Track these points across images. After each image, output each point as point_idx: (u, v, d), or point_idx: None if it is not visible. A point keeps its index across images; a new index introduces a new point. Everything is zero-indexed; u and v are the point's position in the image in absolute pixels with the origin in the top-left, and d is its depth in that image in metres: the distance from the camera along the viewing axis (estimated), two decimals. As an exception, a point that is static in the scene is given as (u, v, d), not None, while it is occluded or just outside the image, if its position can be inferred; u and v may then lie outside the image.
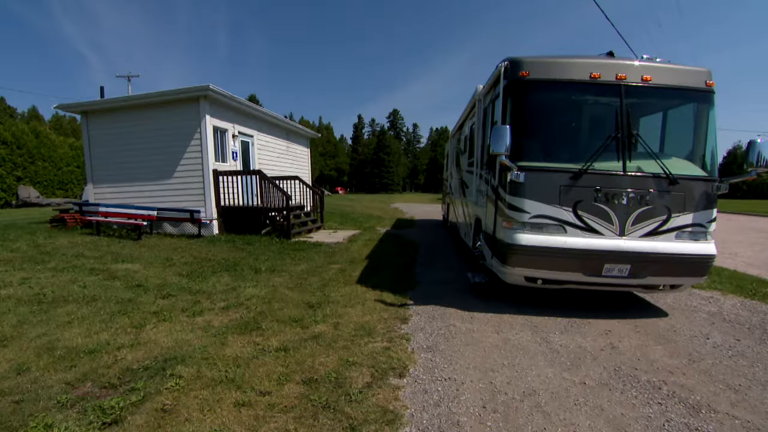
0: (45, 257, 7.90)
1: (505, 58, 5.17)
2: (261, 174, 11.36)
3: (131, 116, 11.72)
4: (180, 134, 11.19)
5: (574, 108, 5.04)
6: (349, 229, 14.04)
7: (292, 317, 4.97)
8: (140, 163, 11.68)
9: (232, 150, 12.39)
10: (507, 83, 5.04)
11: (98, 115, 12.09)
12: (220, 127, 11.80)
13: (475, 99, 7.18)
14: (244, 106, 12.54)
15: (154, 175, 11.56)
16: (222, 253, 8.85)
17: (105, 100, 11.88)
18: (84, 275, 6.72)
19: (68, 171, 33.32)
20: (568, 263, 4.80)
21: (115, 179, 12.03)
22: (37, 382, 3.50)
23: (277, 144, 15.68)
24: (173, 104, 11.21)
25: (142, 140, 11.61)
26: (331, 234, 12.40)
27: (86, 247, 8.99)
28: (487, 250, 5.73)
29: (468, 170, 8.12)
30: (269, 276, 6.98)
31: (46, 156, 31.63)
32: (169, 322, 4.80)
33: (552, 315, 5.23)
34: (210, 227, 11.23)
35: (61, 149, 33.10)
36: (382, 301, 5.67)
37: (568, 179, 4.79)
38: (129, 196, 11.85)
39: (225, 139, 12.16)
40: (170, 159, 11.34)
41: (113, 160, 12.00)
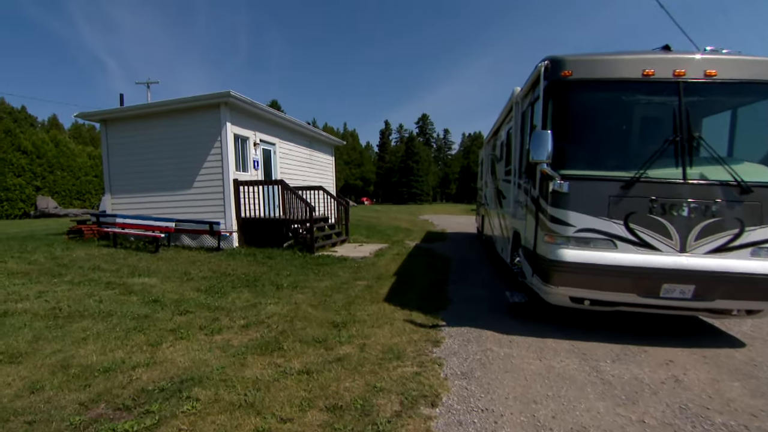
0: (62, 270, 8.19)
1: (545, 57, 5.08)
2: (283, 184, 11.53)
3: (150, 124, 12.14)
4: (200, 142, 11.51)
5: (624, 109, 4.87)
6: (376, 242, 14.04)
7: (316, 337, 4.96)
8: (158, 172, 12.06)
9: (253, 159, 12.63)
10: (548, 84, 4.95)
11: (117, 124, 12.57)
12: (241, 135, 12.07)
13: (512, 102, 7.10)
14: (266, 112, 12.81)
15: (173, 185, 11.90)
16: (242, 268, 8.97)
17: (124, 108, 12.36)
18: (100, 289, 6.93)
19: (86, 180, 34.72)
20: (620, 283, 4.62)
21: (133, 189, 12.44)
22: (50, 402, 3.59)
23: (299, 152, 15.91)
24: (193, 111, 11.55)
25: (160, 149, 12.00)
26: (357, 248, 12.43)
27: (103, 260, 9.29)
28: (527, 267, 5.60)
29: (505, 179, 8.01)
30: (291, 292, 7.02)
31: (65, 165, 33.09)
32: (187, 341, 4.86)
33: (602, 340, 5.03)
34: (229, 240, 11.44)
35: (79, 158, 34.59)
36: (411, 321, 5.60)
37: (619, 189, 4.63)
38: (147, 207, 12.22)
39: (246, 147, 12.42)
40: (189, 168, 11.66)
41: (131, 170, 12.43)
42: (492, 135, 10.74)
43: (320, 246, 11.69)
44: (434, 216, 32.96)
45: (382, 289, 7.27)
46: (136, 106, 12.18)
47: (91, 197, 34.94)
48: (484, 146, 13.47)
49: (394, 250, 12.22)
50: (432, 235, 16.99)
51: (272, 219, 11.68)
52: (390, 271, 8.89)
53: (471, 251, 12.29)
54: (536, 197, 5.26)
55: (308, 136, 16.74)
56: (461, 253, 11.81)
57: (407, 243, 14.04)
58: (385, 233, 17.10)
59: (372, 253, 11.37)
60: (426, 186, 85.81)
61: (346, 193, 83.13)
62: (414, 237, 16.15)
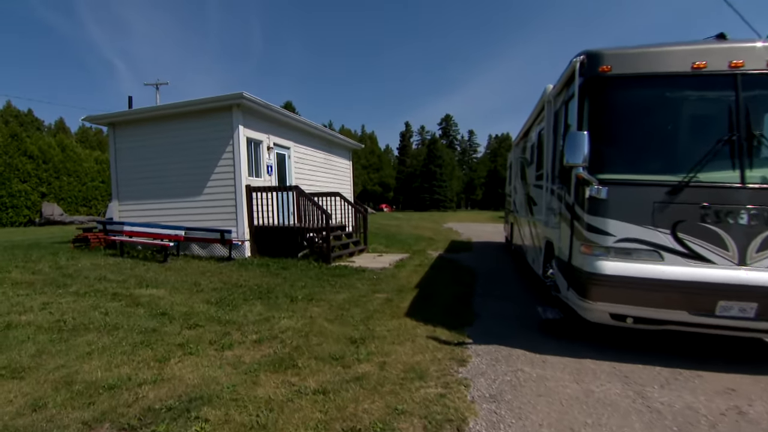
0: (67, 280, 8.37)
1: (580, 52, 5.01)
2: (298, 190, 11.61)
3: (159, 128, 12.40)
4: (211, 147, 11.70)
5: (671, 107, 4.74)
6: (396, 252, 14.02)
7: (332, 354, 4.94)
8: (168, 178, 12.29)
9: (266, 163, 12.76)
10: (584, 81, 4.88)
11: (125, 127, 12.87)
12: (254, 139, 12.22)
13: (543, 101, 7.02)
14: (280, 114, 12.95)
15: (183, 191, 12.10)
16: (254, 279, 9.04)
17: (132, 110, 12.65)
18: (106, 301, 7.05)
19: (93, 186, 35.61)
20: (668, 299, 4.46)
21: (141, 195, 12.69)
22: (53, 421, 3.64)
23: (315, 156, 16.04)
24: (204, 114, 11.76)
25: (170, 153, 12.24)
26: (376, 258, 12.42)
27: (109, 270, 9.47)
28: (561, 280, 5.50)
29: (536, 184, 7.92)
30: (306, 305, 7.04)
31: (71, 170, 34.01)
32: (196, 356, 4.89)
33: (648, 362, 4.86)
34: (241, 249, 11.55)
35: (86, 163, 35.52)
36: (435, 337, 5.54)
37: (665, 194, 4.50)
38: (155, 215, 12.45)
39: (259, 151, 12.57)
40: (200, 174, 11.85)
41: (140, 175, 12.70)
42: (521, 136, 10.65)
43: (337, 256, 11.72)
44: (459, 224, 32.79)
45: (403, 303, 7.23)
46: (144, 108, 12.47)
47: (97, 204, 35.80)
48: (512, 149, 13.37)
49: (415, 260, 12.19)
50: (456, 245, 16.90)
51: (286, 227, 11.78)
52: (411, 284, 8.85)
53: (499, 262, 12.18)
54: (571, 204, 5.17)
55: (324, 140, 16.86)
56: (488, 265, 11.70)
57: (430, 253, 13.99)
58: (405, 243, 17.07)
59: (392, 263, 11.34)
60: (450, 192, 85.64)
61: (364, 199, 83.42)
62: (437, 247, 16.08)
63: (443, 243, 17.63)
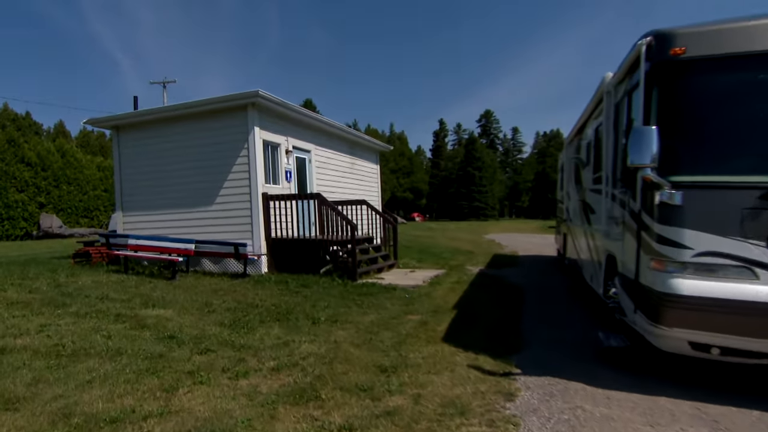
0: (66, 299, 8.59)
1: (647, 32, 4.87)
2: (320, 198, 11.68)
3: (167, 130, 12.69)
4: (224, 150, 11.91)
5: (763, 92, 4.48)
6: (431, 267, 13.95)
7: (360, 384, 4.90)
8: (176, 186, 12.56)
9: (285, 168, 12.90)
10: (651, 66, 4.73)
11: (130, 130, 13.22)
12: (271, 142, 12.38)
13: (602, 91, 6.89)
14: (300, 114, 13.10)
15: (193, 200, 12.34)
16: (272, 298, 9.11)
17: (138, 112, 12.99)
18: (109, 323, 7.19)
19: (95, 196, 36.67)
20: (766, 326, 4.24)
21: (148, 205, 12.99)
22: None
23: (339, 160, 16.15)
24: (216, 115, 11.98)
25: (179, 159, 12.51)
26: (408, 274, 12.38)
27: (112, 288, 9.67)
28: (626, 301, 5.32)
29: (593, 188, 7.77)
30: (330, 328, 7.04)
31: (71, 178, 35.10)
32: (207, 386, 4.92)
33: (740, 403, 4.56)
34: (258, 264, 11.66)
35: (88, 170, 36.63)
36: (477, 367, 5.45)
37: (757, 199, 4.28)
38: (163, 226, 12.71)
39: (277, 155, 12.72)
40: (212, 181, 12.07)
41: (146, 183, 13.00)
42: (575, 134, 10.49)
43: (364, 272, 11.72)
44: (502, 235, 32.48)
45: (440, 326, 7.18)
46: (151, 109, 12.78)
47: (99, 214, 36.82)
48: (564, 148, 13.18)
49: (452, 277, 12.13)
50: (500, 259, 16.76)
51: (307, 240, 11.84)
52: (449, 304, 8.80)
53: (550, 279, 12.03)
54: (637, 211, 5.01)
55: (349, 141, 16.97)
56: (538, 282, 11.55)
57: (469, 269, 13.91)
58: (441, 256, 17.00)
59: (426, 280, 11.28)
60: (491, 198, 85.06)
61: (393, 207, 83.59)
62: (477, 261, 15.98)
63: (484, 257, 17.52)
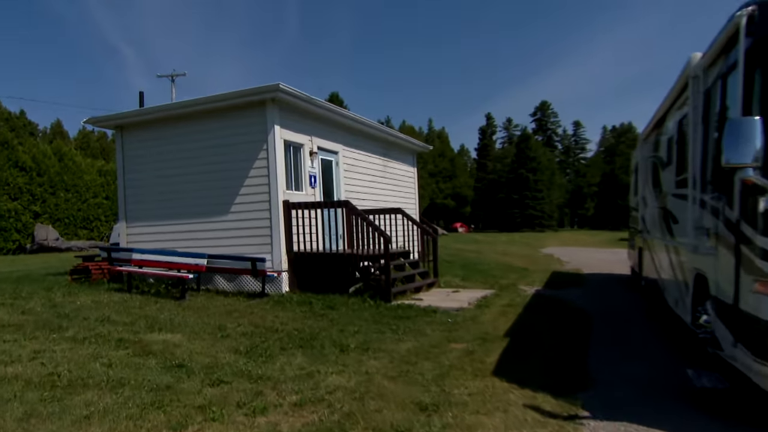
0: (63, 322, 8.79)
1: (747, 1, 4.71)
2: (349, 206, 11.72)
3: (177, 130, 12.96)
4: (240, 152, 12.10)
5: None
6: (477, 287, 13.88)
7: (396, 425, 4.84)
8: (187, 192, 12.79)
9: (309, 172, 13.01)
10: (753, 43, 4.57)
11: (135, 130, 13.54)
12: (294, 142, 12.51)
13: (686, 76, 6.73)
14: (326, 110, 13.23)
15: (205, 209, 12.55)
16: (294, 321, 9.17)
17: (144, 109, 13.31)
18: (109, 349, 7.31)
19: (95, 204, 37.54)
20: None
21: (154, 215, 13.26)
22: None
23: (370, 162, 16.25)
24: (231, 112, 12.19)
25: (190, 162, 12.75)
26: (450, 295, 12.31)
27: (114, 309, 9.87)
28: (722, 331, 5.13)
29: (676, 193, 7.62)
30: (360, 357, 7.02)
31: (69, 185, 36.00)
32: (220, 423, 4.93)
33: None
34: (278, 282, 11.76)
35: (87, 175, 37.52)
36: (535, 407, 5.34)
37: None
38: (171, 238, 12.94)
39: (300, 157, 12.85)
40: (226, 187, 12.26)
41: (152, 190, 13.29)
42: (653, 128, 10.34)
43: (399, 292, 11.69)
44: (562, 249, 32.08)
45: (489, 357, 7.08)
46: (159, 107, 13.08)
47: (100, 225, 37.68)
48: (639, 145, 12.97)
49: (503, 298, 12.05)
50: (560, 278, 16.63)
51: (334, 254, 11.89)
52: (499, 331, 8.73)
53: (622, 303, 11.87)
54: (735, 221, 4.84)
55: (382, 141, 17.03)
56: (607, 306, 11.40)
57: (523, 289, 13.82)
58: (489, 274, 16.94)
59: (472, 302, 11.20)
60: (548, 205, 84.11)
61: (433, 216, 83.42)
62: (533, 280, 15.86)
63: (541, 275, 17.40)
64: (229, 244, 12.21)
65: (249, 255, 11.64)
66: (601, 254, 27.67)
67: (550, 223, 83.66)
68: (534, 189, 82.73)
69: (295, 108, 12.40)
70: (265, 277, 11.54)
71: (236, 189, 12.14)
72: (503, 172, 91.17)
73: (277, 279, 11.80)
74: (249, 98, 11.73)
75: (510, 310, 10.55)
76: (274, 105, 11.71)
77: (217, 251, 12.11)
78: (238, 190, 12.13)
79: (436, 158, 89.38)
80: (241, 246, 12.07)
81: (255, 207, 11.96)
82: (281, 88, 11.31)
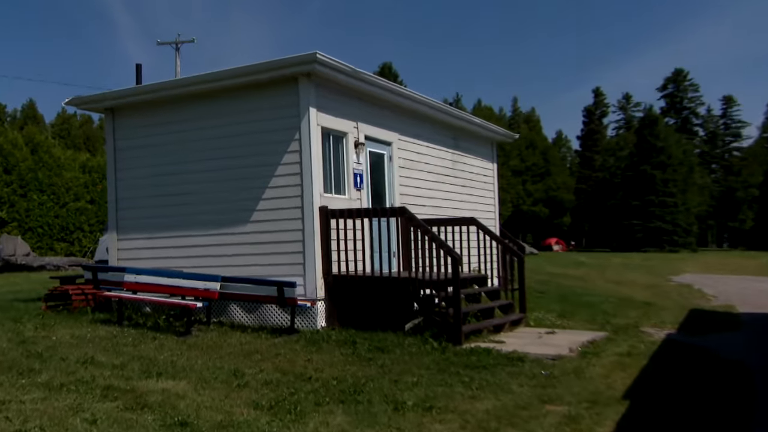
0: (34, 363, 8.93)
1: None
2: (407, 215, 11.65)
3: (183, 115, 13.23)
4: (264, 144, 12.29)
5: None
6: (581, 327, 13.69)
7: None
8: (195, 195, 13.01)
9: (353, 170, 13.11)
10: None
11: (131, 114, 13.86)
12: (334, 130, 12.63)
13: None
14: (377, 87, 13.30)
15: (218, 217, 12.74)
16: (332, 367, 9.16)
17: (142, 87, 13.67)
18: (94, 399, 7.36)
19: (76, 209, 37.98)
20: None
21: (153, 225, 13.50)
22: None
23: (435, 157, 16.28)
24: (254, 91, 12.38)
25: (198, 156, 12.98)
26: (543, 337, 12.18)
27: (100, 347, 10.04)
28: None
29: None
30: (421, 419, 6.96)
31: (45, 184, 36.53)
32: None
33: None
34: (311, 314, 11.84)
35: (68, 172, 37.94)
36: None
37: None
38: (174, 255, 13.17)
39: (342, 150, 12.96)
40: (246, 188, 12.43)
41: (151, 191, 13.55)
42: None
43: (473, 331, 11.59)
44: (705, 277, 31.26)
45: (601, 427, 6.92)
46: (160, 84, 13.38)
47: (82, 236, 38.24)
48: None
49: (620, 345, 11.74)
50: (704, 318, 16.28)
51: (386, 278, 11.90)
52: (615, 390, 8.50)
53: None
54: None
55: (450, 127, 17.04)
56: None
57: (647, 332, 13.46)
58: (598, 310, 16.62)
59: (574, 349, 10.99)
60: (683, 215, 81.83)
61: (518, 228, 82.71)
62: (662, 320, 15.50)
63: (674, 313, 16.95)
64: (248, 263, 12.31)
65: (274, 278, 11.63)
66: (765, 284, 26.96)
67: (687, 241, 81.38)
68: (663, 192, 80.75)
69: (337, 85, 12.48)
70: (296, 307, 11.53)
71: (259, 191, 12.27)
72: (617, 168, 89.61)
73: (310, 310, 11.83)
74: (276, 72, 11.80)
75: (630, 362, 10.23)
76: (310, 82, 11.77)
77: (232, 272, 12.18)
78: (260, 193, 12.25)
79: (522, 150, 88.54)
80: (263, 266, 12.14)
81: (283, 215, 12.05)
82: (319, 58, 11.23)
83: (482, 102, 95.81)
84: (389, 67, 78.94)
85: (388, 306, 12.02)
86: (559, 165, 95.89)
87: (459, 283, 11.19)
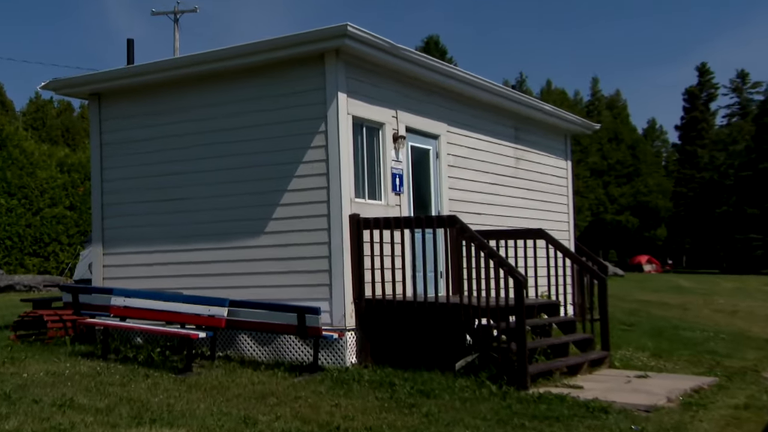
0: (0, 407, 9.02)
1: None
2: (458, 225, 11.65)
3: (183, 101, 13.44)
4: (281, 136, 12.39)
5: None
6: (682, 370, 13.59)
7: None
8: (196, 200, 13.18)
9: (391, 169, 13.18)
10: None
11: (121, 101, 14.08)
12: (368, 120, 12.73)
13: None
14: (421, 67, 13.38)
15: (225, 226, 12.90)
16: (365, 414, 9.15)
17: (134, 68, 13.89)
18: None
19: (52, 216, 38.24)
20: None
21: (147, 236, 13.68)
22: None
23: (492, 153, 16.34)
24: (270, 73, 12.54)
25: (201, 151, 13.15)
26: (633, 381, 12.08)
27: (81, 387, 10.15)
28: None
29: None
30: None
31: (14, 185, 36.79)
32: None
33: None
34: (339, 348, 11.91)
35: (42, 171, 38.24)
36: None
37: None
38: (171, 273, 13.33)
39: (377, 144, 13.06)
40: (259, 192, 12.56)
41: (144, 196, 13.77)
42: None
43: (542, 372, 11.57)
44: None
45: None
46: (156, 64, 13.54)
47: (59, 249, 38.52)
48: None
49: (734, 394, 11.53)
50: None
51: (431, 303, 11.83)
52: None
53: None
54: None
55: (512, 116, 17.07)
56: None
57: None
58: (704, 347, 16.51)
59: (673, 398, 10.87)
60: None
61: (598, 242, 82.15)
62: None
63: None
64: (261, 283, 12.40)
65: (294, 302, 11.66)
66: None
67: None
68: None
69: (372, 65, 12.57)
70: (320, 338, 11.49)
71: (275, 196, 12.37)
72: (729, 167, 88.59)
73: (338, 342, 11.87)
74: (298, 49, 11.86)
75: (748, 417, 9.92)
76: (338, 60, 11.82)
77: (242, 295, 12.22)
78: (277, 198, 12.35)
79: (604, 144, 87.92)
80: (280, 287, 12.22)
81: (304, 225, 12.11)
82: (350, 31, 11.20)
83: (552, 84, 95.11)
84: (435, 41, 78.50)
85: (433, 339, 12.02)
86: (651, 163, 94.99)
87: (524, 311, 11.11)
